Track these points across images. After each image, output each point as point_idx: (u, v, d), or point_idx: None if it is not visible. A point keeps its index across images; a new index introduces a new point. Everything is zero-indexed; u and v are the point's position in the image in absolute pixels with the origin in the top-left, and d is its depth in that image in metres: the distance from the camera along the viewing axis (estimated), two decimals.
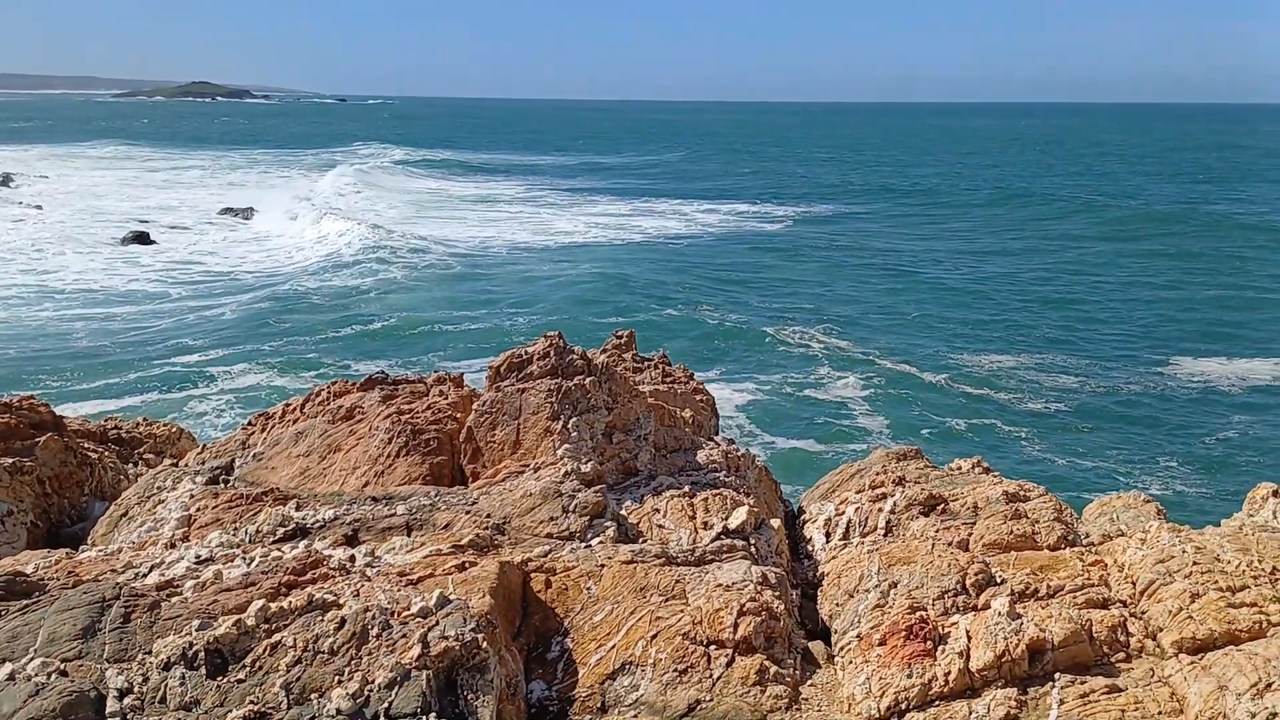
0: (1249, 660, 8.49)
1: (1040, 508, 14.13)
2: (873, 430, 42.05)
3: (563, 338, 14.42)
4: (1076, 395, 47.83)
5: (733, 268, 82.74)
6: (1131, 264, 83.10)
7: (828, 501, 15.48)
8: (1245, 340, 59.12)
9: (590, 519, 11.59)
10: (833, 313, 65.27)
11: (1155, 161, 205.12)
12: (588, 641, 9.61)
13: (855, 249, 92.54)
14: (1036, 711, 8.50)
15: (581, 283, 74.81)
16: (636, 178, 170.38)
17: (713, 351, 54.85)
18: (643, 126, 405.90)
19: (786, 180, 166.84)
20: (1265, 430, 42.76)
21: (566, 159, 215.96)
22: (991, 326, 62.26)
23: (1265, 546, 11.14)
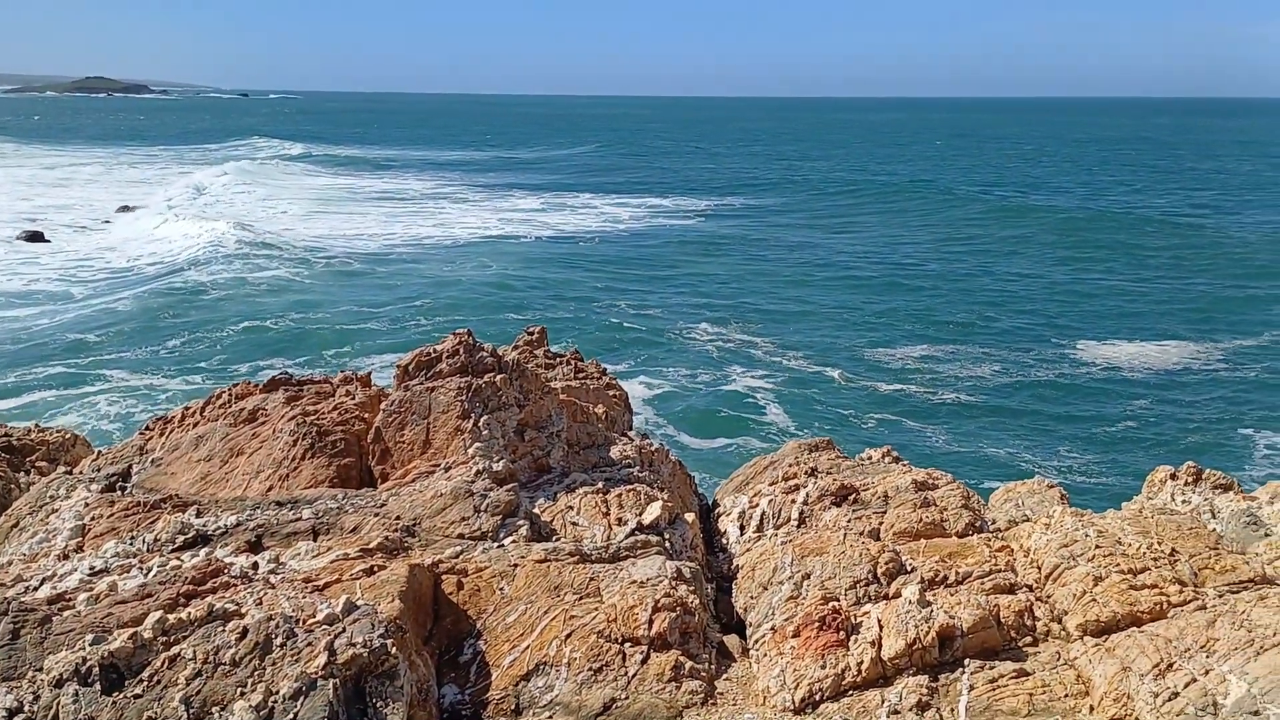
0: (1151, 641, 8.69)
1: (948, 495, 14.35)
2: (785, 422, 42.47)
3: (472, 335, 14.23)
4: (985, 383, 48.87)
5: (646, 262, 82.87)
6: (1034, 254, 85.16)
7: (741, 494, 15.53)
8: (1145, 326, 61.08)
9: (502, 518, 11.44)
10: (747, 306, 65.74)
11: (1056, 155, 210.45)
12: (501, 643, 9.48)
13: (769, 242, 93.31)
14: (947, 698, 8.59)
15: (492, 279, 74.28)
16: (549, 172, 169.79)
17: (627, 347, 54.88)
18: (557, 121, 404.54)
19: (699, 173, 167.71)
20: (1164, 413, 44.14)
21: (479, 154, 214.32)
22: (902, 317, 63.29)
23: (1164, 529, 11.44)
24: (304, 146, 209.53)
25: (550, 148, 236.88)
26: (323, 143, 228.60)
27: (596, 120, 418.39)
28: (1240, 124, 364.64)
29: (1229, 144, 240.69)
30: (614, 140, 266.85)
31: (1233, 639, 8.38)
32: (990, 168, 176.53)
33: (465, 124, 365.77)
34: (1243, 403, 45.83)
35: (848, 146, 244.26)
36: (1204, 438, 41.23)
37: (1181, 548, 10.88)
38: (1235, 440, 41.02)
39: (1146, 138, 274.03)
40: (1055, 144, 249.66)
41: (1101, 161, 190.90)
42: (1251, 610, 8.86)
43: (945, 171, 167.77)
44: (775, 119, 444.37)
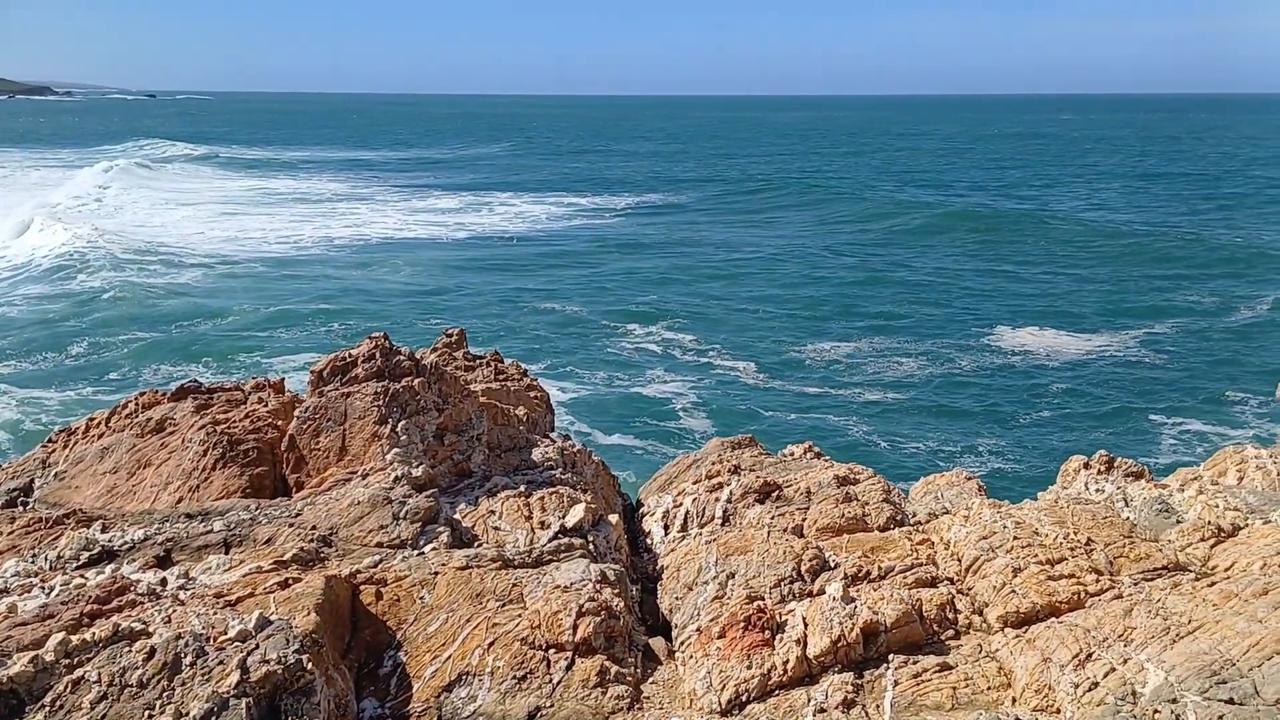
0: (1070, 632, 8.80)
1: (870, 490, 14.45)
2: (710, 420, 42.50)
3: (389, 338, 13.95)
4: (907, 375, 49.56)
5: (568, 262, 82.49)
6: (946, 249, 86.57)
7: (665, 494, 15.48)
8: (1057, 315, 62.61)
9: (422, 525, 11.23)
10: (671, 303, 65.72)
11: (967, 152, 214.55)
12: (422, 653, 9.27)
13: (690, 239, 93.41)
14: (872, 694, 8.61)
15: (411, 281, 73.30)
16: (467, 172, 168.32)
17: (550, 348, 54.52)
18: (474, 120, 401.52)
19: (616, 172, 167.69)
20: (1078, 400, 45.17)
21: (396, 154, 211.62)
22: (824, 312, 63.86)
23: (1079, 518, 11.62)
24: (209, 148, 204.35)
25: (467, 147, 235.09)
26: (232, 144, 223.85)
27: (514, 119, 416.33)
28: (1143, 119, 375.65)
29: (1131, 139, 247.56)
30: (531, 140, 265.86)
31: (1149, 627, 8.52)
32: (903, 165, 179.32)
33: (382, 124, 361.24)
34: (1152, 389, 47.15)
35: (760, 144, 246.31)
36: (1117, 424, 42.26)
37: (1097, 537, 11.07)
38: (1146, 426, 42.10)
39: (1052, 134, 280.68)
40: (965, 141, 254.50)
41: (1008, 157, 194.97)
42: (1166, 598, 9.02)
43: (858, 169, 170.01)
44: (685, 118, 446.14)
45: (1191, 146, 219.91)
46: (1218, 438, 40.28)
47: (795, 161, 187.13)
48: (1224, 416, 43.14)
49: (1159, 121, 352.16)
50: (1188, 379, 48.81)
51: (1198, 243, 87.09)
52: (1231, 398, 45.32)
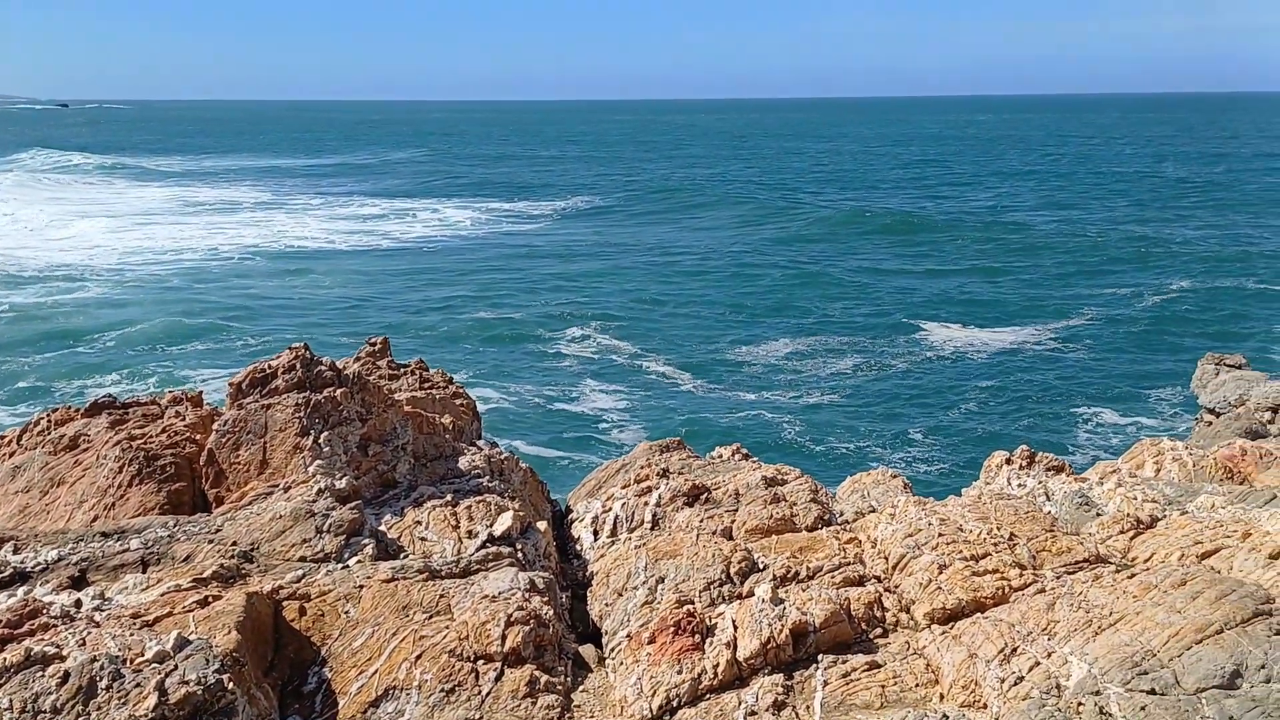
0: (995, 627, 8.90)
1: (798, 490, 14.51)
2: (643, 423, 42.50)
3: (309, 348, 13.69)
4: (839, 375, 50.14)
5: (496, 268, 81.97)
6: (869, 249, 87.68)
7: (594, 499, 15.40)
8: (982, 312, 63.97)
9: (346, 538, 11.02)
10: (603, 309, 65.61)
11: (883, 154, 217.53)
12: (348, 669, 9.09)
13: (619, 245, 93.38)
14: (803, 695, 8.63)
15: (333, 290, 72.23)
16: (391, 178, 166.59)
17: (481, 357, 54.06)
18: (398, 126, 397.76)
19: (542, 177, 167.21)
20: (1002, 396, 46.07)
21: (318, 160, 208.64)
22: (754, 313, 64.34)
23: (1002, 514, 11.79)
24: (121, 158, 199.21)
25: (391, 153, 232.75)
26: (148, 153, 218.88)
27: (438, 125, 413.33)
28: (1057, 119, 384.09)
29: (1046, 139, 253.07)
30: (456, 145, 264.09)
31: (1072, 620, 8.65)
32: (826, 167, 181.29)
33: (305, 131, 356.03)
34: (1072, 382, 48.29)
35: (686, 148, 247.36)
36: (1039, 417, 43.21)
37: (1020, 531, 11.23)
38: (1067, 418, 43.07)
39: (969, 135, 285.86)
40: (884, 143, 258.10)
41: (927, 158, 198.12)
42: (1088, 591, 9.17)
43: (782, 172, 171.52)
44: (611, 122, 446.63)
45: (1104, 145, 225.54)
46: (1134, 428, 41.38)
47: (720, 165, 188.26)
48: (1140, 407, 44.30)
49: (1071, 122, 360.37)
50: (1105, 371, 50.09)
51: (1109, 238, 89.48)
52: (1146, 389, 46.58)
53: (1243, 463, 15.64)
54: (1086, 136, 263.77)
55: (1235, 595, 8.56)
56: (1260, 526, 11.02)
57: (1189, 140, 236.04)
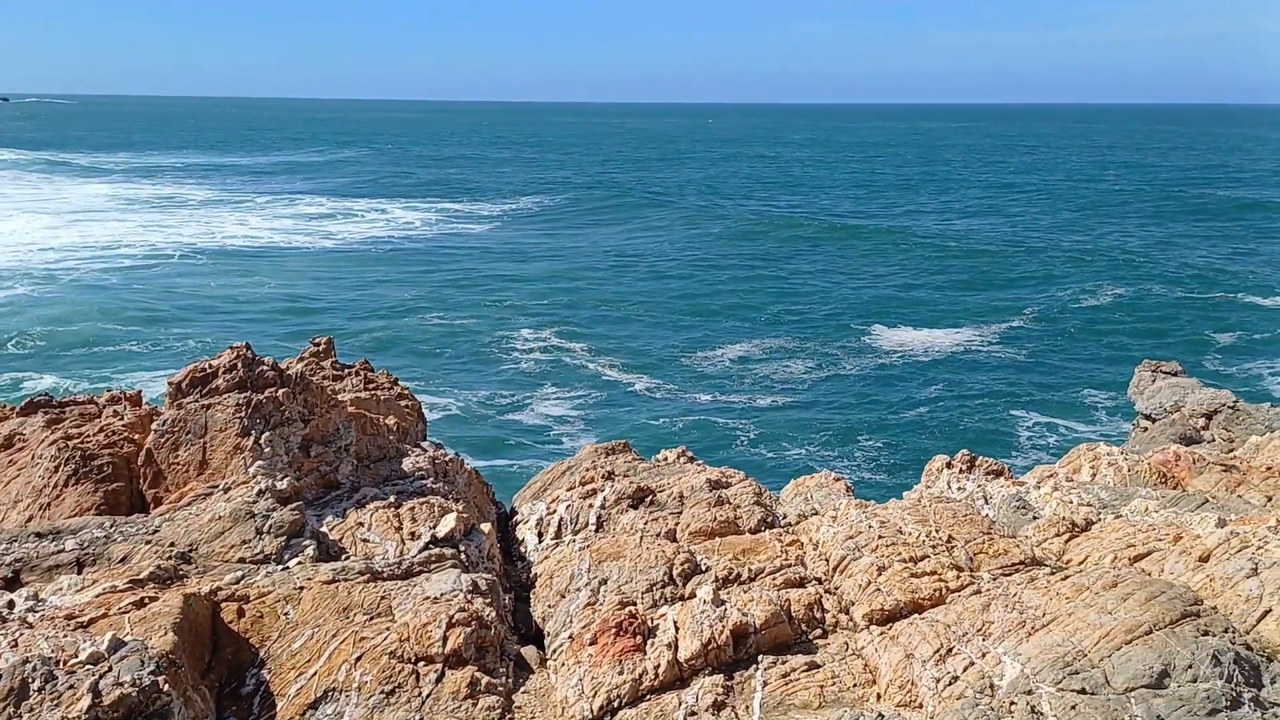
0: (931, 628, 9.03)
1: (741, 493, 14.61)
2: (600, 428, 42.36)
3: (250, 348, 13.55)
4: (792, 378, 50.49)
5: (447, 268, 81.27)
6: (821, 256, 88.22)
7: (539, 501, 15.38)
8: (928, 314, 64.92)
9: (287, 539, 10.93)
10: (557, 311, 65.41)
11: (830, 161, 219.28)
12: (287, 671, 9.02)
13: (569, 246, 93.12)
14: (742, 695, 8.69)
15: (277, 290, 71.21)
16: (338, 177, 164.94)
17: (433, 359, 53.60)
18: (345, 125, 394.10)
19: (490, 177, 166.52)
20: (948, 398, 46.70)
21: (263, 158, 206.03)
22: (708, 317, 64.52)
23: (941, 516, 11.96)
24: (60, 153, 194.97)
25: (338, 152, 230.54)
26: (89, 149, 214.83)
27: (388, 124, 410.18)
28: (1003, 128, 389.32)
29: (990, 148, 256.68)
30: (406, 145, 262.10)
31: (1006, 621, 8.80)
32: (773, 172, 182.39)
33: (250, 128, 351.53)
34: (1013, 384, 49.14)
35: (635, 151, 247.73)
36: (983, 420, 43.86)
37: (958, 534, 11.39)
38: (1009, 422, 43.75)
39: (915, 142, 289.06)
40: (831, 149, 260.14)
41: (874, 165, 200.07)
42: (1023, 592, 9.33)
43: (730, 176, 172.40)
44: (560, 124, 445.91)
45: (1049, 154, 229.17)
46: (1073, 432, 42.15)
47: (670, 168, 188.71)
48: (1081, 412, 45.15)
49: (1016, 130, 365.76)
50: (1047, 375, 50.98)
51: (1051, 245, 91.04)
52: (1087, 393, 47.49)
53: (1176, 468, 15.98)
54: (1031, 145, 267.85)
55: (1164, 597, 8.76)
56: (1191, 530, 11.28)
57: (1133, 150, 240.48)
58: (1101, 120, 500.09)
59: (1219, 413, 22.78)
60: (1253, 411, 22.72)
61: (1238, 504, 14.26)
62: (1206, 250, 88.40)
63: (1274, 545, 10.21)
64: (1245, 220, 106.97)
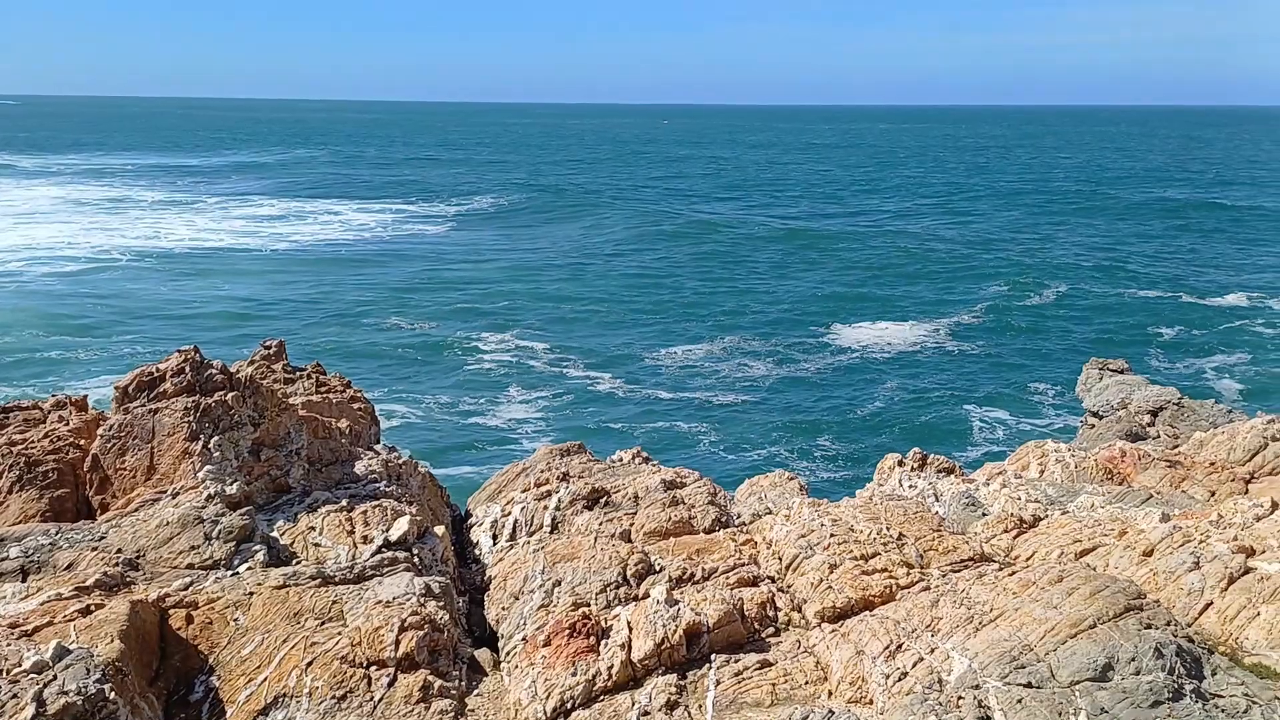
0: (881, 624, 9.12)
1: (696, 493, 14.67)
2: (564, 428, 42.10)
3: (199, 351, 13.39)
4: (754, 377, 50.68)
5: (405, 270, 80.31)
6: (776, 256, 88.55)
7: (494, 503, 15.35)
8: (885, 310, 65.70)
9: (237, 544, 10.83)
10: (519, 312, 64.99)
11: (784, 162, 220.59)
12: (236, 677, 8.94)
13: (527, 247, 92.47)
14: (695, 695, 8.73)
15: (229, 293, 70.10)
16: (292, 178, 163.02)
17: (389, 364, 52.92)
18: (299, 125, 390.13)
19: (445, 178, 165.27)
20: (903, 396, 47.12)
21: (216, 159, 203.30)
22: (670, 316, 64.55)
23: (892, 514, 12.08)
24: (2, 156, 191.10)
25: (291, 152, 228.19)
26: (36, 150, 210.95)
27: (336, 125, 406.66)
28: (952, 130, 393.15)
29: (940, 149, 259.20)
30: (358, 146, 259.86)
31: (954, 617, 8.91)
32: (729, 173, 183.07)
33: (203, 129, 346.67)
34: (966, 380, 49.79)
35: (590, 151, 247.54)
36: (935, 416, 44.38)
37: (909, 531, 11.52)
38: (961, 416, 44.28)
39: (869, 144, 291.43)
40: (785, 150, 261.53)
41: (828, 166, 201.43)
42: (971, 588, 9.45)
43: (687, 177, 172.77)
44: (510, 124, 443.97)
45: (1001, 156, 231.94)
46: (1019, 425, 42.88)
47: (624, 169, 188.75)
48: (1028, 406, 45.87)
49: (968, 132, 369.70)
50: (997, 371, 51.70)
51: (1002, 244, 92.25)
52: (1035, 388, 48.31)
53: (1122, 464, 16.25)
54: (982, 147, 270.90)
55: (1108, 591, 8.91)
56: (1136, 525, 11.48)
57: (1081, 152, 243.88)
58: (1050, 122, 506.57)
59: (1164, 409, 23.18)
60: (1197, 408, 23.13)
61: (1182, 499, 14.54)
62: (1151, 250, 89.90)
63: (1216, 539, 10.43)
64: (1189, 221, 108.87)
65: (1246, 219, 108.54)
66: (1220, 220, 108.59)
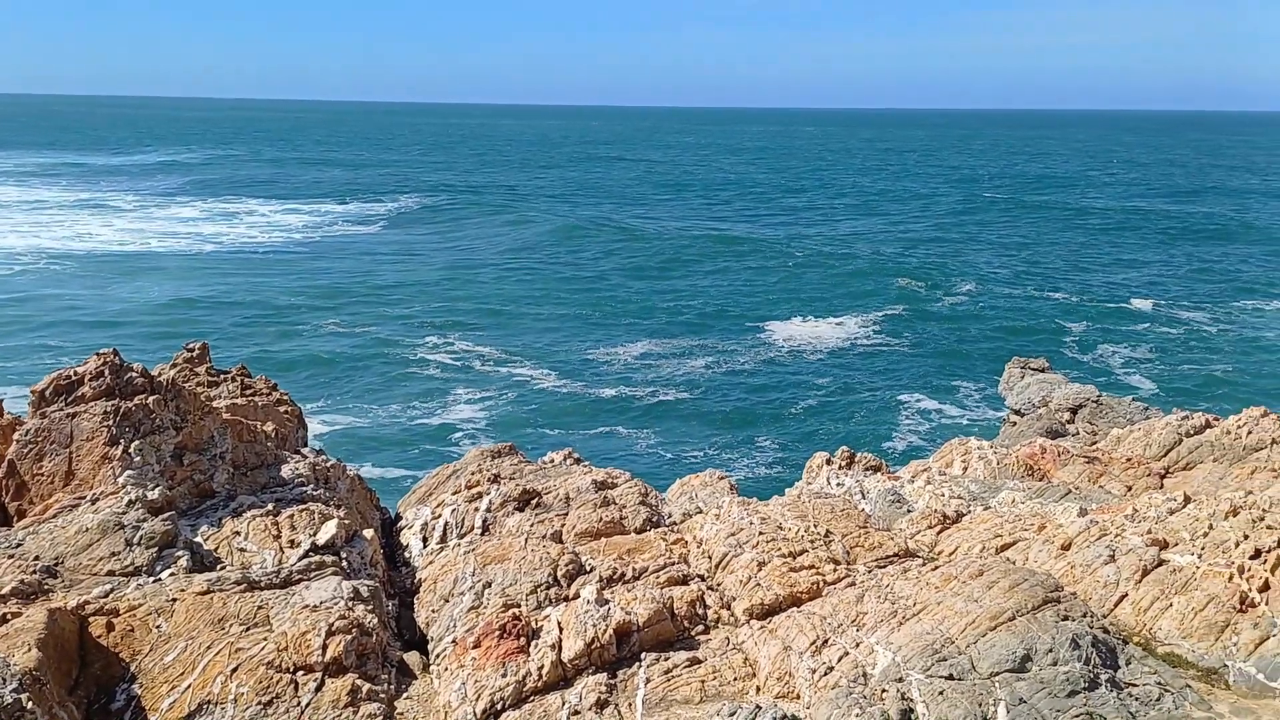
0: (808, 620, 9.25)
1: (627, 493, 14.73)
2: (510, 430, 41.74)
3: (118, 354, 13.13)
4: (692, 374, 50.93)
5: (338, 272, 78.92)
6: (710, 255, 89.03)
7: (424, 505, 15.26)
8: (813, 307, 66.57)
9: (159, 550, 10.65)
10: (459, 313, 64.31)
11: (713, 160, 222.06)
12: (159, 685, 8.79)
13: (461, 246, 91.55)
14: (625, 693, 8.78)
15: (151, 296, 68.39)
16: (216, 177, 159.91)
17: (339, 369, 51.87)
18: (223, 125, 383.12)
19: (369, 178, 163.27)
20: (835, 396, 47.70)
21: (138, 159, 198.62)
22: (610, 315, 64.53)
23: (819, 512, 12.24)
24: None
25: (215, 151, 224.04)
26: None
27: (261, 124, 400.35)
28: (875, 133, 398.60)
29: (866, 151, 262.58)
30: (284, 146, 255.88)
31: (879, 612, 9.06)
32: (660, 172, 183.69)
33: (122, 127, 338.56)
34: (895, 378, 50.66)
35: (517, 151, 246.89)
36: (865, 412, 45.12)
37: (835, 528, 11.68)
38: (889, 414, 45.03)
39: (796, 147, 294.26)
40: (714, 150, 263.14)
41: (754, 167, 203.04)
42: (895, 583, 9.62)
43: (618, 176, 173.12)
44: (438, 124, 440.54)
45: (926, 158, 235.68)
46: (945, 420, 43.70)
47: (556, 170, 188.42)
48: (955, 401, 46.82)
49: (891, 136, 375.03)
50: (924, 369, 52.62)
51: (925, 244, 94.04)
52: (959, 385, 49.27)
53: (1042, 460, 16.63)
54: (907, 150, 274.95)
55: (1027, 584, 9.13)
56: (1054, 520, 11.77)
57: (1002, 157, 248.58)
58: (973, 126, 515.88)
59: (1084, 407, 23.74)
60: (1115, 405, 23.72)
61: (1099, 494, 14.91)
62: (1069, 253, 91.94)
63: (1131, 533, 10.73)
64: (1104, 224, 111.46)
65: (1160, 224, 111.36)
66: (1137, 225, 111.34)
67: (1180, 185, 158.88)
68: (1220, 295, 71.36)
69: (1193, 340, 58.17)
